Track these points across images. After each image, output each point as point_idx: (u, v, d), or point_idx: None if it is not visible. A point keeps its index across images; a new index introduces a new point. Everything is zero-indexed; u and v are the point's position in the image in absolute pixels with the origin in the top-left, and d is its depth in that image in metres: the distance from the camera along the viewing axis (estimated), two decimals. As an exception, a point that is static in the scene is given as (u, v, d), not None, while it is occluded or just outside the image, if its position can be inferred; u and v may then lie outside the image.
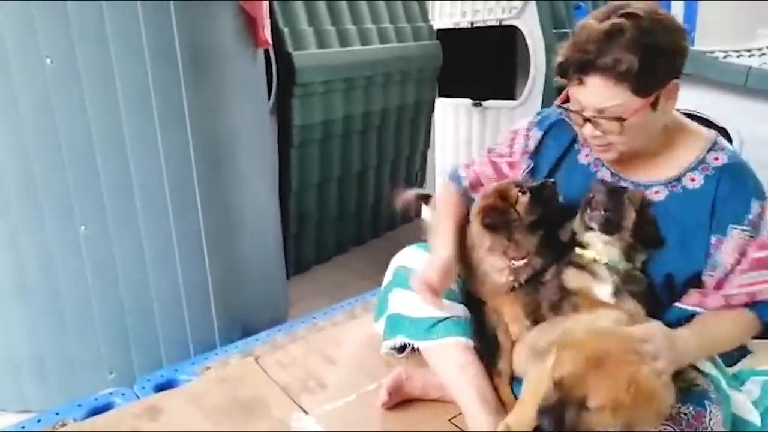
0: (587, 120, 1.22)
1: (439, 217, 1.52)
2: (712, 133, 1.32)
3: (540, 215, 1.36)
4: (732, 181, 1.24)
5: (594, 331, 1.01)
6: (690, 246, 1.26)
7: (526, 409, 1.16)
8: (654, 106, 1.18)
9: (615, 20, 1.14)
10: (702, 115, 1.58)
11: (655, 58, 1.13)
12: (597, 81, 1.16)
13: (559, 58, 1.21)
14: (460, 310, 1.40)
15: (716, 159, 1.27)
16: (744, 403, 1.24)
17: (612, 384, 0.88)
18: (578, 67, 1.17)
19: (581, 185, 1.37)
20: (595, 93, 1.17)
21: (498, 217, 1.36)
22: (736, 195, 1.24)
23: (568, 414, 0.90)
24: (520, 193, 1.36)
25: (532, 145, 1.46)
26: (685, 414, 1.09)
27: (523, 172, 1.47)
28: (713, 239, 1.24)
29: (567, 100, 1.26)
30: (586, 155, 1.41)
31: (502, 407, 1.31)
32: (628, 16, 1.13)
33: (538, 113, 1.51)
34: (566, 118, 1.38)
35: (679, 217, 1.27)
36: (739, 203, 1.23)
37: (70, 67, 1.69)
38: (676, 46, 1.17)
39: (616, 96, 1.15)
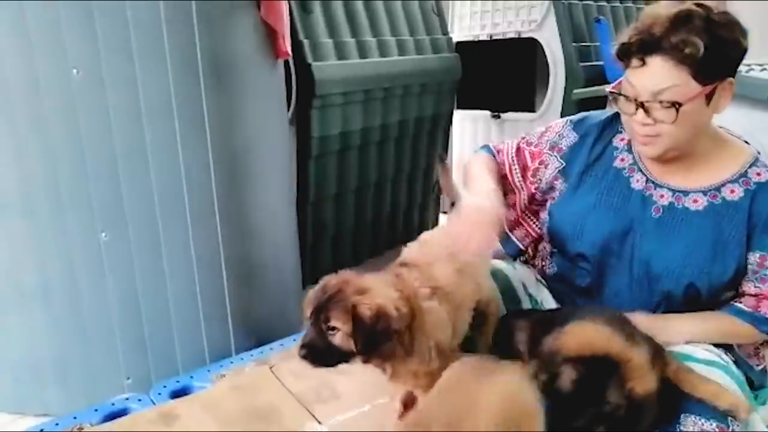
0: (640, 105, 1.21)
1: (473, 174, 1.45)
2: (754, 149, 1.33)
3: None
4: None
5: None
6: (723, 259, 1.25)
7: None
8: (708, 99, 1.19)
9: (685, 7, 1.16)
10: (723, 130, 1.58)
11: (719, 47, 1.15)
12: (658, 61, 1.17)
13: (621, 39, 1.22)
14: None
15: (758, 174, 1.27)
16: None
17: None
18: (642, 47, 1.18)
19: (613, 189, 1.37)
20: (655, 74, 1.17)
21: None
22: None
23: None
24: None
25: (564, 144, 1.45)
26: (708, 431, 1.09)
27: (553, 172, 1.46)
28: (756, 256, 1.24)
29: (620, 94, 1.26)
30: (622, 159, 1.39)
31: None
32: (698, 5, 1.16)
33: (579, 116, 1.51)
34: (610, 118, 1.41)
35: (716, 229, 1.26)
36: None
37: (96, 78, 1.73)
38: (739, 44, 1.19)
39: (676, 78, 1.16)
